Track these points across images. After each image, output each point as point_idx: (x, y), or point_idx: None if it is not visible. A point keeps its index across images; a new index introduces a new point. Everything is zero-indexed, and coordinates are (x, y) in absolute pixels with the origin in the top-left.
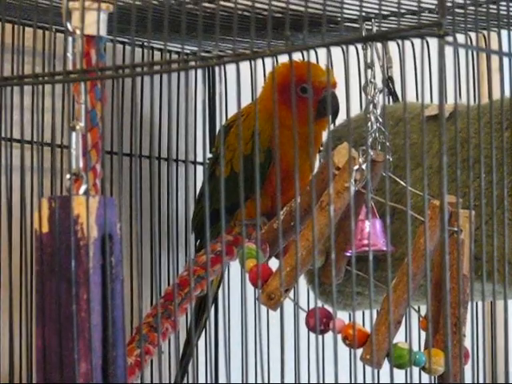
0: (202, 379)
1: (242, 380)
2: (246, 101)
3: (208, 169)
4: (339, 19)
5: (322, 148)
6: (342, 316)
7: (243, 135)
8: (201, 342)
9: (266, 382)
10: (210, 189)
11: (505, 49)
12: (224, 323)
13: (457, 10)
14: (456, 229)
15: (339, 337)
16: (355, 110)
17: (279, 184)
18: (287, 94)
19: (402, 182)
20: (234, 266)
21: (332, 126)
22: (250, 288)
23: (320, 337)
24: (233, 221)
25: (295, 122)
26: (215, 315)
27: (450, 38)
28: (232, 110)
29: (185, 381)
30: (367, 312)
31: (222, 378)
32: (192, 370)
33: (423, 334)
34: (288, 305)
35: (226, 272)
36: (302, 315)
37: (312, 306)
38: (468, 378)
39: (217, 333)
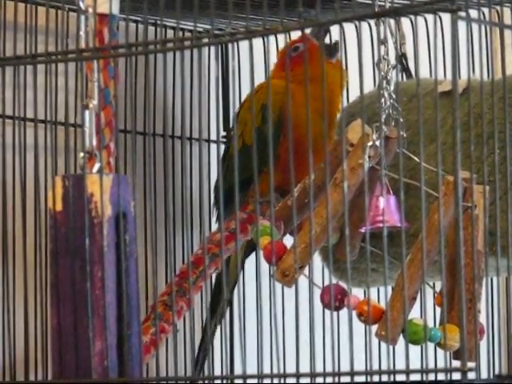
0: (217, 356)
1: (258, 356)
2: (259, 77)
3: (224, 147)
4: None
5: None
6: (357, 293)
7: (254, 108)
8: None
9: (281, 357)
10: (224, 166)
11: None
12: (239, 300)
13: None
14: (470, 204)
15: (354, 313)
16: (368, 87)
17: (292, 158)
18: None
19: (415, 158)
20: None
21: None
22: (264, 265)
23: (335, 313)
24: (247, 197)
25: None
26: (231, 292)
27: (462, 13)
28: (245, 87)
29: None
30: (382, 288)
31: (237, 354)
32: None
33: (438, 310)
34: (303, 281)
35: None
36: (317, 292)
37: (327, 282)
38: (483, 353)
39: (232, 310)
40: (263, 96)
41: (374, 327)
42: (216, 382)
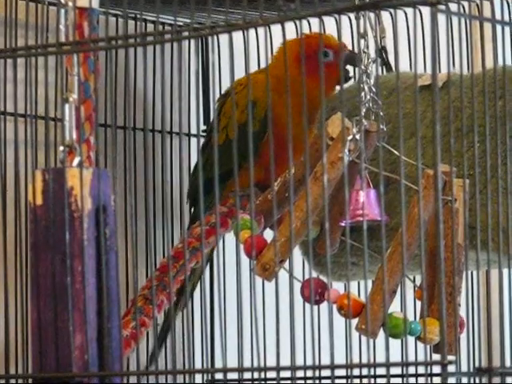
0: (197, 349)
1: (238, 350)
2: (239, 71)
3: (205, 137)
4: None
5: None
6: (337, 287)
7: (240, 103)
8: (196, 315)
9: (261, 350)
10: (204, 157)
11: (498, 17)
12: (219, 294)
13: None
14: (450, 198)
15: (334, 307)
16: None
17: (272, 154)
18: (310, 62)
19: (396, 152)
20: (229, 238)
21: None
22: (244, 259)
23: (315, 307)
24: (225, 191)
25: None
26: (211, 286)
27: (442, 7)
28: (225, 81)
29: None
30: (362, 282)
31: (217, 349)
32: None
33: (419, 303)
34: (283, 276)
35: (221, 243)
36: (297, 286)
37: (307, 276)
38: (463, 346)
39: (212, 304)
40: (253, 91)
41: (355, 321)
42: (197, 375)
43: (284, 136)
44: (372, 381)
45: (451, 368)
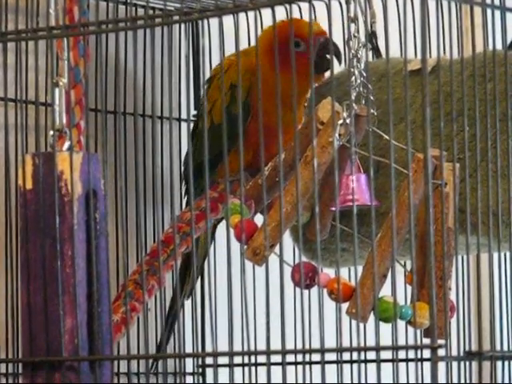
0: (188, 334)
1: (228, 334)
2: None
3: (193, 124)
4: None
5: (306, 104)
6: (328, 271)
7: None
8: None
9: (252, 335)
10: (194, 143)
11: (488, 1)
12: (209, 278)
13: None
14: (440, 182)
15: (325, 291)
16: (338, 65)
17: (262, 138)
18: (281, 52)
19: (386, 136)
20: (220, 224)
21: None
22: (235, 244)
23: (305, 291)
24: (216, 176)
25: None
26: (201, 271)
27: None
28: (215, 65)
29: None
30: (353, 269)
31: (207, 333)
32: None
33: (409, 288)
34: (273, 260)
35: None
36: (288, 270)
37: (297, 260)
38: (454, 330)
39: (202, 288)
40: (232, 75)
41: (345, 305)
42: (187, 359)
43: (265, 121)
44: (362, 365)
45: (441, 352)
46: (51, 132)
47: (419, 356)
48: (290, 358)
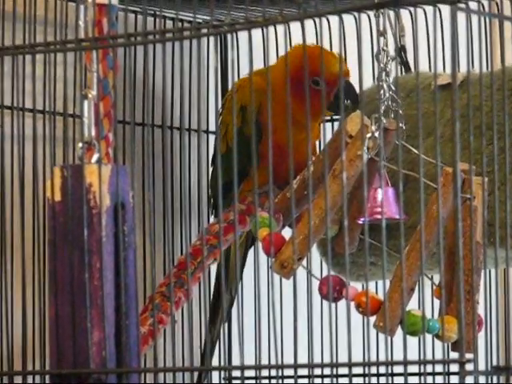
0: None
1: (255, 347)
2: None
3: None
4: None
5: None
6: (355, 284)
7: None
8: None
9: (279, 348)
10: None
11: None
12: (236, 291)
13: None
14: (469, 196)
15: (352, 304)
16: (367, 77)
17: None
18: (299, 84)
19: (414, 150)
20: None
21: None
22: (263, 256)
23: (333, 304)
24: (243, 190)
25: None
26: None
27: (462, 5)
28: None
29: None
30: (380, 282)
31: (235, 347)
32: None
33: (437, 302)
34: (301, 273)
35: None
36: (315, 283)
37: (325, 273)
38: (481, 345)
39: (230, 301)
40: (241, 96)
41: (372, 318)
42: (214, 373)
43: (277, 141)
44: (389, 379)
45: (469, 366)
46: (80, 144)
47: (446, 370)
48: (317, 371)
